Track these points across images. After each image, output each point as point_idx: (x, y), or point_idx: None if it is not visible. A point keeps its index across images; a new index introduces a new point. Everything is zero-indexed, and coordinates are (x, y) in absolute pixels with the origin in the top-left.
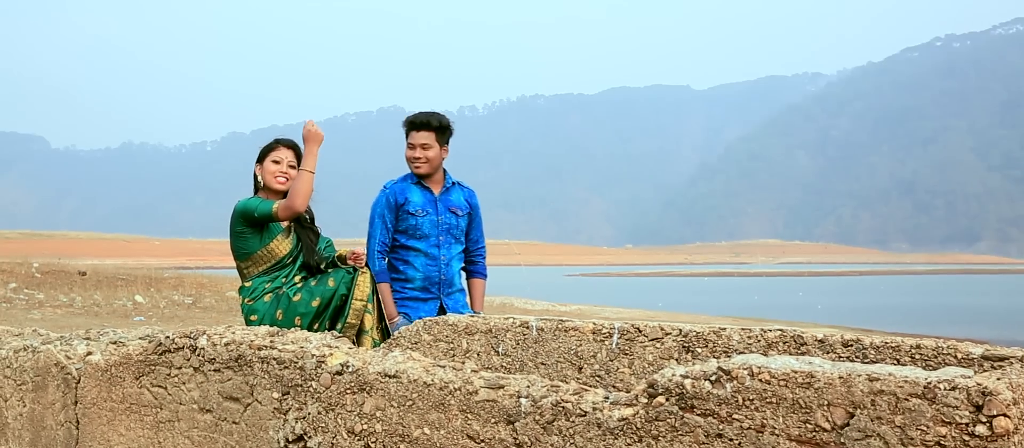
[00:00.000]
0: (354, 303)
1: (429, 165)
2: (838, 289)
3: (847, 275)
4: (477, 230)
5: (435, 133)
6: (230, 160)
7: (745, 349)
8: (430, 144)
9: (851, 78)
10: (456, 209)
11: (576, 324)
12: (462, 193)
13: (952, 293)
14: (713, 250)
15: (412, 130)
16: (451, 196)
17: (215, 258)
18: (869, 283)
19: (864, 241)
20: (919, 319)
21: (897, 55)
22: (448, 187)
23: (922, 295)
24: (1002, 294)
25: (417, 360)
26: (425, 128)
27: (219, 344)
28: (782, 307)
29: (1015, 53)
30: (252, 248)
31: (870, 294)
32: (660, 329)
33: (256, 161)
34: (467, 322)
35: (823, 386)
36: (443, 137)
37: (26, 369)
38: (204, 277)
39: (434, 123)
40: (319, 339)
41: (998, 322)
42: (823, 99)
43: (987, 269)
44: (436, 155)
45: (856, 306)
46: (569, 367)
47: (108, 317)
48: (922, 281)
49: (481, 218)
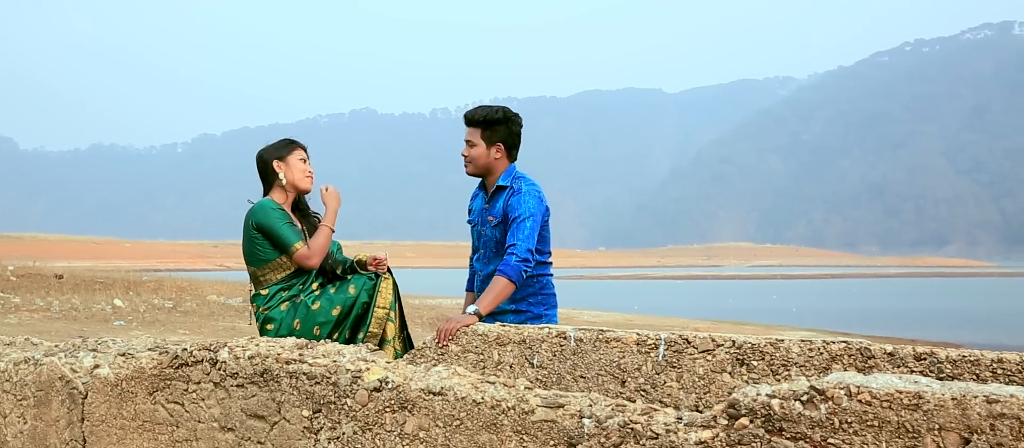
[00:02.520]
0: (376, 311)
1: (473, 166)
2: (811, 292)
3: (819, 278)
4: (510, 233)
5: (480, 129)
6: (201, 162)
7: (806, 362)
8: (474, 141)
9: (822, 82)
10: (493, 218)
11: (618, 335)
12: (505, 198)
13: (926, 296)
14: (685, 253)
15: (465, 126)
16: (497, 203)
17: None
18: (842, 286)
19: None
20: (896, 322)
21: (867, 59)
22: (495, 192)
23: (896, 298)
24: (975, 297)
25: (464, 375)
26: (470, 123)
27: (243, 357)
28: (757, 310)
29: (983, 58)
30: (270, 256)
31: (844, 297)
32: (710, 340)
33: (274, 158)
34: (498, 332)
35: (933, 408)
36: (490, 135)
37: (27, 383)
38: (184, 280)
39: (478, 117)
40: (354, 352)
41: (975, 325)
42: (794, 103)
43: (957, 272)
44: (480, 154)
45: (831, 309)
46: (611, 381)
47: (87, 322)
48: (894, 284)
49: (522, 220)
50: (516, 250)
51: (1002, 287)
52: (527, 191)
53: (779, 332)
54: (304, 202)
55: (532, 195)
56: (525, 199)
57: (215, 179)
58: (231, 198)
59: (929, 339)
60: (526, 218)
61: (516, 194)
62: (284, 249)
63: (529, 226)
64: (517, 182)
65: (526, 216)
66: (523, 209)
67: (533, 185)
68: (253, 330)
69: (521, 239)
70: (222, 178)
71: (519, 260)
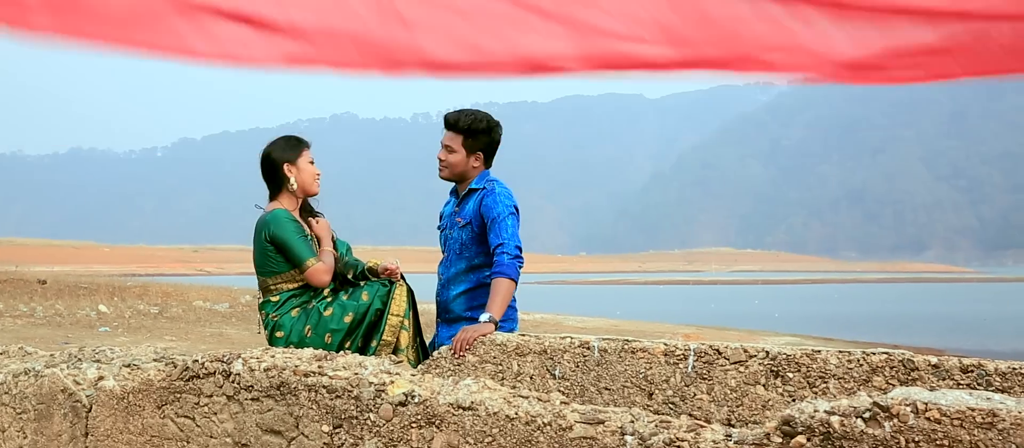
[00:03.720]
0: (390, 319)
1: (448, 171)
2: (793, 297)
3: (800, 283)
4: (492, 233)
5: (462, 136)
6: (181, 166)
7: (844, 374)
8: (454, 147)
9: (802, 88)
10: (461, 219)
11: (644, 345)
12: (476, 199)
13: (908, 301)
14: (666, 258)
15: (445, 129)
16: (467, 205)
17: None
18: (822, 291)
19: (814, 249)
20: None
21: None
22: (465, 194)
23: (877, 303)
24: (956, 302)
25: (495, 389)
26: (452, 128)
27: (258, 369)
28: (740, 315)
29: None
30: (282, 268)
31: (825, 302)
32: (743, 351)
33: (284, 161)
34: (518, 342)
35: (1010, 427)
36: (472, 143)
37: (28, 395)
38: (169, 286)
39: (462, 124)
40: (376, 364)
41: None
42: (775, 109)
43: (935, 277)
44: (458, 161)
45: (813, 314)
46: (637, 393)
47: (72, 328)
48: (874, 289)
49: (503, 218)
50: (506, 248)
51: (982, 292)
52: (501, 191)
53: (764, 337)
54: (308, 202)
55: (506, 195)
56: (501, 198)
57: (195, 183)
58: (211, 202)
59: (916, 345)
60: (506, 216)
61: (490, 194)
62: (297, 264)
63: (511, 223)
64: (490, 184)
65: (506, 214)
66: (500, 207)
67: (505, 187)
68: (248, 335)
69: (507, 237)
70: (202, 182)
71: (512, 257)
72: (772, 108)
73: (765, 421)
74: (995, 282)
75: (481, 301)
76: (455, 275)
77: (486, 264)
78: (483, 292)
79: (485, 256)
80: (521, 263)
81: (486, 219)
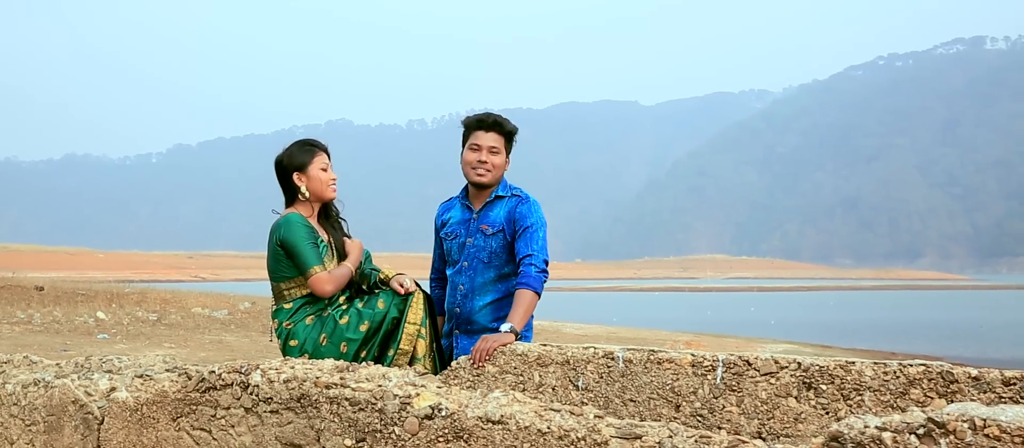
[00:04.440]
0: (407, 327)
1: (493, 174)
2: (788, 304)
3: (796, 290)
4: (522, 241)
5: (505, 138)
6: (176, 172)
7: (880, 387)
8: (499, 149)
9: (797, 95)
10: (487, 227)
11: (671, 356)
12: (505, 207)
13: (904, 308)
14: (662, 265)
15: (479, 130)
16: (491, 212)
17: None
18: (818, 298)
19: (809, 257)
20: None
21: (842, 73)
22: (490, 201)
23: (873, 310)
24: (949, 309)
25: (525, 402)
26: (496, 129)
27: (277, 381)
28: (736, 323)
29: (955, 72)
30: (293, 273)
31: (821, 309)
32: (773, 362)
33: (293, 169)
34: (540, 352)
35: None
36: (510, 146)
37: (37, 407)
38: (167, 292)
39: (508, 127)
40: (401, 375)
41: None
42: (769, 116)
43: (930, 285)
44: (502, 163)
45: (809, 321)
46: (664, 405)
47: (70, 335)
48: (870, 296)
49: (535, 230)
50: (534, 261)
51: (977, 300)
52: (534, 202)
53: (761, 345)
54: (334, 208)
55: (538, 206)
56: (534, 209)
57: (190, 189)
58: (206, 209)
59: (915, 352)
60: (538, 228)
61: (525, 202)
62: (301, 269)
63: (541, 236)
64: (521, 193)
65: (539, 226)
66: (534, 218)
67: (535, 200)
68: (248, 342)
69: (537, 249)
70: (197, 188)
71: (539, 270)
72: (767, 115)
73: (805, 435)
74: (991, 289)
75: (507, 311)
76: (482, 285)
77: (514, 273)
78: (509, 302)
79: (513, 264)
80: (546, 278)
81: (518, 227)
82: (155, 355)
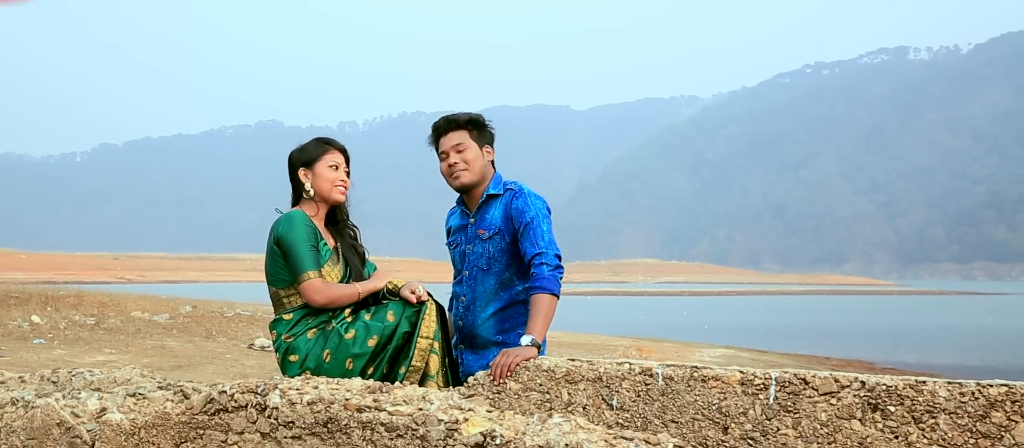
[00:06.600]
0: (419, 341)
1: (470, 173)
2: (720, 308)
3: (726, 294)
4: (527, 240)
5: (468, 130)
6: (101, 172)
7: (957, 409)
8: (466, 143)
9: (726, 102)
10: (483, 230)
11: (717, 373)
12: (501, 205)
13: (831, 313)
14: (593, 269)
15: (439, 136)
16: (487, 214)
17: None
18: (748, 302)
19: (737, 261)
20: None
21: (769, 80)
22: (483, 202)
23: (802, 315)
24: (879, 314)
25: (591, 430)
26: (451, 127)
27: (300, 403)
28: (670, 327)
29: (880, 82)
30: (292, 277)
31: (752, 313)
32: (833, 380)
33: (300, 164)
34: (568, 368)
35: None
36: (480, 136)
37: (16, 430)
38: (105, 295)
39: (463, 119)
40: (444, 398)
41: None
42: (699, 122)
43: (855, 289)
44: (475, 157)
45: (742, 325)
46: (710, 427)
47: (4, 340)
48: (797, 301)
49: (537, 223)
50: (545, 258)
51: (902, 304)
52: (530, 192)
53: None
54: (343, 212)
55: (535, 195)
56: (531, 200)
57: (115, 190)
58: (132, 210)
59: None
60: (540, 220)
61: (519, 196)
62: (295, 271)
63: (546, 228)
64: (513, 185)
65: (540, 218)
66: (533, 210)
67: (530, 189)
68: (191, 348)
69: (545, 244)
70: (123, 189)
71: (553, 268)
72: (696, 122)
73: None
74: (915, 294)
75: (512, 323)
76: (483, 294)
77: (516, 279)
78: (514, 311)
79: (517, 268)
80: (562, 273)
81: (518, 225)
82: (131, 369)
